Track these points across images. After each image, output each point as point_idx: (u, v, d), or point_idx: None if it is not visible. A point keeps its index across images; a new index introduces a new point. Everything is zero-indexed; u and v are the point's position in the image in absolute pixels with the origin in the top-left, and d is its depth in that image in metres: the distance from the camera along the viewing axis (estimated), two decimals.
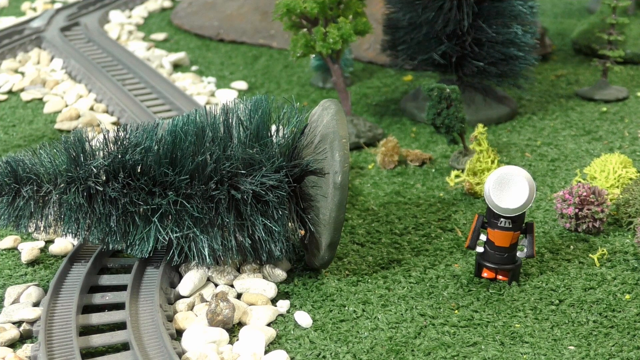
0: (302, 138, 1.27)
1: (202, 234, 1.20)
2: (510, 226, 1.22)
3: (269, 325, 1.17)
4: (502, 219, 1.22)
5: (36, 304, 1.21)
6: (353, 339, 1.14)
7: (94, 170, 1.19)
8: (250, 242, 1.22)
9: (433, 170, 1.70)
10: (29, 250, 1.35)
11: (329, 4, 1.70)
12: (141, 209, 1.20)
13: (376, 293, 1.25)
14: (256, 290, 1.24)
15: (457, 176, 1.62)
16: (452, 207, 1.53)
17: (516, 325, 1.16)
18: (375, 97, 2.15)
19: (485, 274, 1.27)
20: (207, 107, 1.33)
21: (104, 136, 1.23)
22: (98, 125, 1.91)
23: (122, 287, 1.25)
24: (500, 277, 1.26)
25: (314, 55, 2.09)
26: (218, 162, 1.20)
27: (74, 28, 2.77)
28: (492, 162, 1.60)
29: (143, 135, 1.21)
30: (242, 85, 2.23)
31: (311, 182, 1.23)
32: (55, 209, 1.21)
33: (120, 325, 1.16)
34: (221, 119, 1.24)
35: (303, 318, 1.18)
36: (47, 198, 1.22)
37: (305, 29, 1.74)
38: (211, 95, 2.17)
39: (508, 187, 1.20)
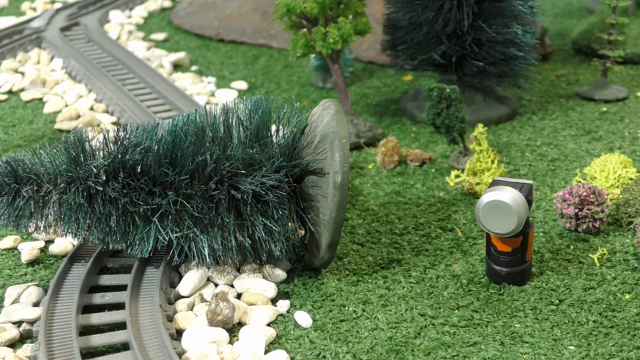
0: (302, 138, 1.27)
1: (202, 234, 1.20)
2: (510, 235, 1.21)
3: (269, 325, 1.17)
4: None
5: (36, 304, 1.21)
6: (353, 339, 1.14)
7: (94, 170, 1.19)
8: (250, 242, 1.22)
9: (433, 170, 1.70)
10: (29, 250, 1.35)
11: (329, 4, 1.70)
12: (141, 209, 1.20)
13: (376, 293, 1.25)
14: (256, 290, 1.24)
15: (457, 176, 1.62)
16: (452, 207, 1.53)
17: (516, 325, 1.16)
18: (375, 97, 2.15)
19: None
20: (207, 107, 1.33)
21: (104, 136, 1.23)
22: (98, 125, 1.91)
23: (122, 287, 1.25)
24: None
25: (314, 55, 2.09)
26: (218, 162, 1.20)
27: (74, 28, 2.77)
28: (492, 162, 1.60)
29: (143, 135, 1.21)
30: (242, 85, 2.23)
31: (311, 182, 1.23)
32: (55, 209, 1.21)
33: (120, 325, 1.16)
34: (221, 119, 1.24)
35: (303, 318, 1.18)
36: (47, 198, 1.22)
37: (305, 29, 1.74)
38: (211, 95, 2.17)
39: (497, 214, 1.19)
